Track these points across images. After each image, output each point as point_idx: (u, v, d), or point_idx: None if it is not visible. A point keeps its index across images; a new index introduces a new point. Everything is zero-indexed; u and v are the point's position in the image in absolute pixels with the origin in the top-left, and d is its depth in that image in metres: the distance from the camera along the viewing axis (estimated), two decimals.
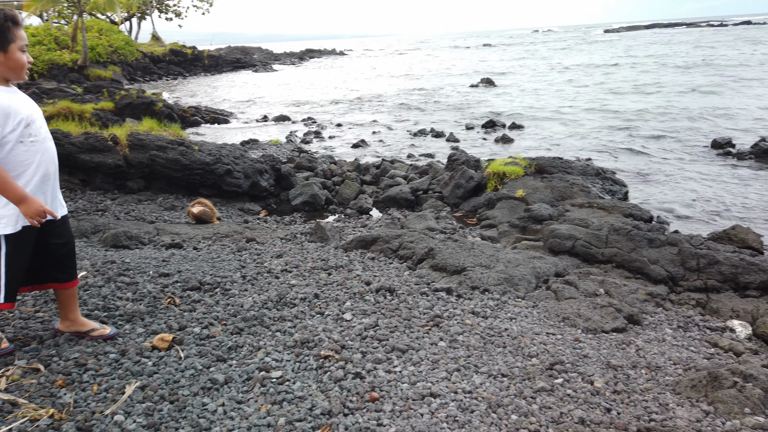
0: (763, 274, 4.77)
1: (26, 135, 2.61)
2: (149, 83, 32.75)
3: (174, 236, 5.80)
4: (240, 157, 8.57)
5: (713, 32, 69.76)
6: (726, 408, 2.83)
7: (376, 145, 13.99)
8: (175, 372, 2.84)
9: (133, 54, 35.47)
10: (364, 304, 3.87)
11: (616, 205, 6.60)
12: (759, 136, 11.93)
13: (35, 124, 2.68)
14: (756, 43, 43.81)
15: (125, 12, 43.02)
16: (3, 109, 2.50)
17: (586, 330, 3.82)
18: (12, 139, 2.56)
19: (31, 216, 2.57)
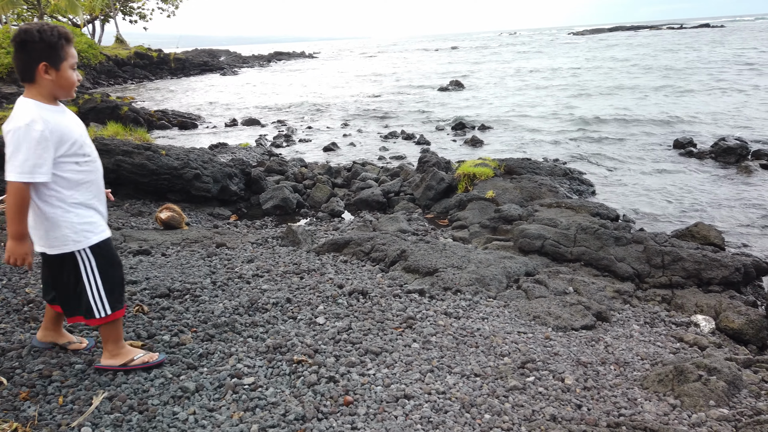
0: (725, 270, 4.92)
1: (80, 155, 2.59)
2: (114, 87, 32.08)
3: (141, 243, 5.69)
4: (209, 161, 8.45)
5: (673, 34, 71.73)
6: (692, 401, 2.91)
7: (347, 148, 13.97)
8: (144, 381, 2.78)
9: (96, 57, 34.67)
10: (337, 308, 3.86)
11: (583, 205, 6.72)
12: (718, 135, 12.32)
13: (87, 144, 2.66)
14: (717, 44, 45.22)
15: (88, 14, 42.13)
16: (57, 132, 2.46)
17: (557, 328, 3.88)
18: (67, 161, 2.52)
19: (15, 257, 2.49)
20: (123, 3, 48.36)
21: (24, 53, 2.49)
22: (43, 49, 2.48)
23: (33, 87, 2.52)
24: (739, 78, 23.18)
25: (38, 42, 2.46)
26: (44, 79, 2.50)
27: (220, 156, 10.85)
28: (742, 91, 19.45)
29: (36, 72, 2.49)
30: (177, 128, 17.52)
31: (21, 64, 2.52)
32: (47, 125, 2.42)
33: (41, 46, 2.47)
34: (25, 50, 2.48)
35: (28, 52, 2.48)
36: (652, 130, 14.06)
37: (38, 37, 2.46)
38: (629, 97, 20.04)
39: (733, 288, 4.94)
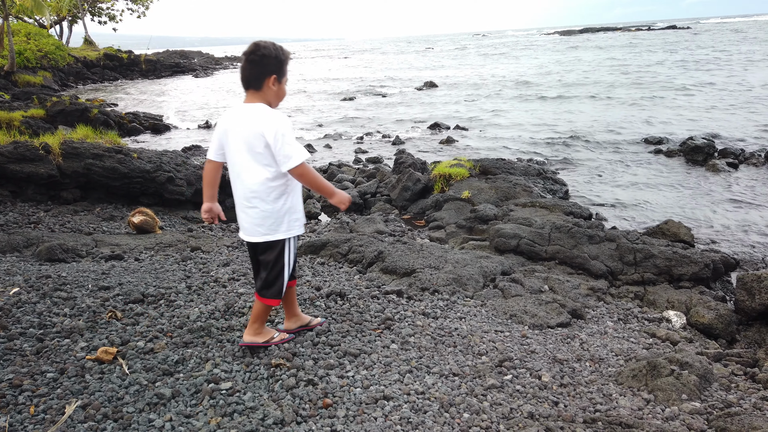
0: (695, 266, 5.04)
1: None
2: (83, 89, 31.44)
3: (114, 247, 5.58)
4: (182, 164, 8.34)
5: (643, 36, 73.20)
6: (665, 395, 2.97)
7: (323, 149, 13.93)
8: (118, 388, 2.72)
9: (64, 59, 33.92)
10: (314, 310, 3.84)
11: (557, 204, 6.81)
12: (688, 135, 12.62)
13: None
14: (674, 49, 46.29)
15: (54, 15, 41.19)
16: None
17: (533, 326, 3.92)
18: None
19: (345, 203, 3.04)
20: (91, 4, 47.39)
21: (259, 65, 2.83)
22: (275, 64, 2.86)
23: (257, 94, 2.89)
24: (695, 77, 23.78)
25: (273, 58, 2.84)
26: (270, 89, 2.88)
27: (194, 159, 10.72)
28: (701, 90, 19.95)
29: (264, 82, 2.86)
30: (149, 131, 17.25)
31: (253, 73, 2.86)
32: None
33: (275, 62, 2.85)
34: (261, 63, 2.83)
35: (264, 65, 2.83)
36: (622, 130, 14.32)
37: (274, 53, 2.84)
38: (597, 98, 20.38)
39: (703, 284, 5.06)
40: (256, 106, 2.85)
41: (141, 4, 50.22)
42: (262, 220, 2.95)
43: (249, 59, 2.85)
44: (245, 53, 2.87)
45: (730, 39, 52.10)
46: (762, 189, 8.88)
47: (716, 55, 34.67)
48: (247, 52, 2.86)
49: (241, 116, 2.86)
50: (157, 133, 17.11)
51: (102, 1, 48.34)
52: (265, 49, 2.83)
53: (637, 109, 17.22)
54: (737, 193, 8.71)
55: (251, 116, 2.82)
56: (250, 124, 2.81)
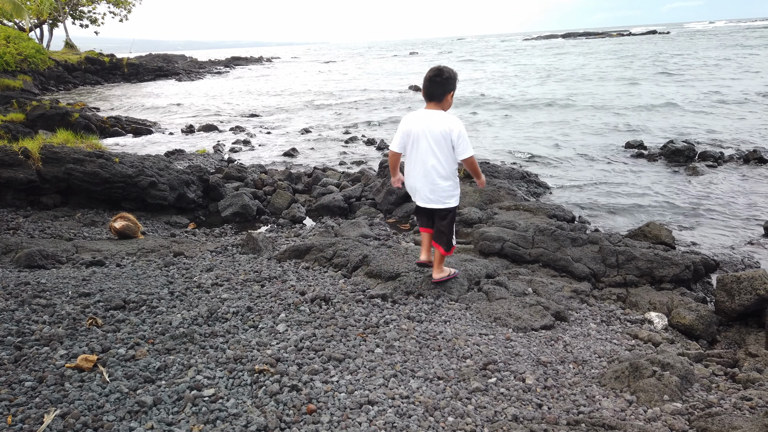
0: (676, 268, 5.10)
1: None
2: (64, 93, 31.06)
3: (95, 253, 5.51)
4: (165, 169, 8.27)
5: (621, 41, 74.16)
6: (647, 396, 3.00)
7: (308, 153, 13.89)
8: (98, 396, 2.68)
9: (45, 62, 33.47)
10: (299, 315, 3.82)
11: (540, 207, 6.86)
12: (667, 138, 12.80)
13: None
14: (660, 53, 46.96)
15: (35, 18, 40.68)
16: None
17: (517, 329, 3.94)
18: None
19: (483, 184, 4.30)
20: (72, 7, 46.87)
21: (443, 85, 3.94)
22: (454, 83, 3.99)
23: (439, 104, 4.00)
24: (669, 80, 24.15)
25: (453, 79, 3.97)
26: (448, 101, 4.01)
27: (177, 163, 10.62)
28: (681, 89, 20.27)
29: (446, 96, 3.98)
30: (131, 135, 17.07)
31: (439, 90, 3.95)
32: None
33: (454, 82, 3.99)
34: (444, 83, 3.93)
35: (446, 84, 3.94)
36: (604, 134, 14.48)
37: (454, 76, 3.97)
38: (579, 102, 20.60)
39: (684, 285, 5.12)
40: (439, 112, 3.98)
41: (123, 8, 49.78)
42: (445, 193, 4.09)
43: (434, 81, 3.93)
44: (430, 76, 3.94)
45: (706, 44, 53.00)
46: (740, 191, 9.03)
47: (696, 61, 35.24)
48: (432, 75, 3.93)
49: (430, 120, 3.96)
50: (139, 137, 16.94)
51: (83, 5, 47.85)
52: (447, 73, 3.93)
53: (616, 115, 17.42)
54: (716, 196, 8.84)
55: (439, 120, 3.94)
56: (439, 125, 3.92)
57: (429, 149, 3.98)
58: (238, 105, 25.30)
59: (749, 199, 8.59)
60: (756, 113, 15.93)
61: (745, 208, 8.21)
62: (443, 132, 3.92)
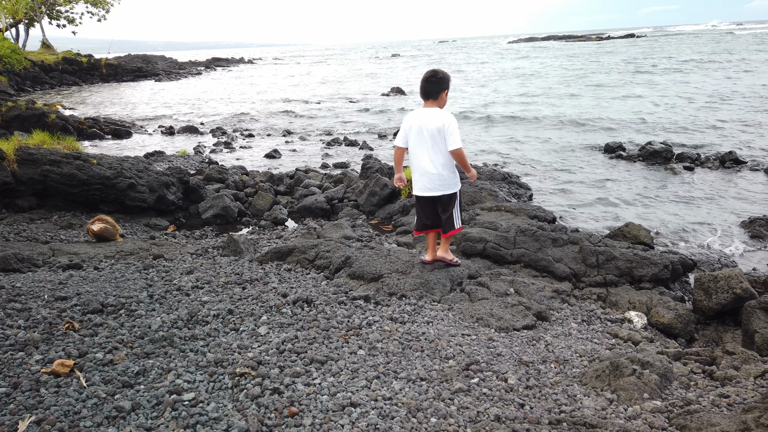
0: (655, 268, 5.16)
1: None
2: (41, 93, 30.53)
3: (72, 256, 5.42)
4: (144, 170, 8.16)
5: (600, 45, 75.14)
6: (627, 395, 3.03)
7: (290, 155, 13.83)
8: (75, 402, 2.63)
9: (21, 63, 32.91)
10: (281, 317, 3.79)
11: (522, 208, 6.91)
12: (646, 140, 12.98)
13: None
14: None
15: (10, 18, 39.96)
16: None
17: (499, 329, 3.96)
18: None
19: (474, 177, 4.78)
20: (49, 7, 46.10)
21: (438, 84, 4.43)
22: (447, 82, 4.49)
23: (435, 102, 4.47)
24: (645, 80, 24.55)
25: (446, 79, 4.48)
26: (442, 98, 4.49)
27: (157, 165, 10.50)
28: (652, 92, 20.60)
29: (441, 94, 4.47)
30: (110, 136, 16.83)
31: (435, 88, 4.44)
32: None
33: (447, 82, 4.49)
34: (442, 82, 4.44)
35: (440, 83, 4.44)
36: (585, 135, 14.64)
37: (447, 77, 4.48)
38: (560, 105, 20.81)
39: (663, 284, 5.19)
40: (435, 109, 4.45)
41: (101, 8, 49.10)
42: (444, 181, 4.52)
43: (430, 81, 4.43)
44: (427, 77, 4.44)
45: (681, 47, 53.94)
46: (717, 192, 9.19)
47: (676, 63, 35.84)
48: (429, 76, 4.44)
49: (427, 116, 4.42)
50: (118, 139, 16.71)
51: (60, 4, 47.11)
52: (441, 74, 4.45)
53: (597, 118, 17.63)
54: (694, 196, 8.99)
55: (434, 116, 4.40)
56: (435, 121, 4.38)
57: (427, 143, 4.45)
58: (220, 106, 25.11)
59: (725, 200, 8.74)
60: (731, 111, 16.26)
61: (721, 207, 8.36)
62: (438, 127, 4.37)
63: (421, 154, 4.51)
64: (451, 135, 4.36)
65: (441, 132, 4.38)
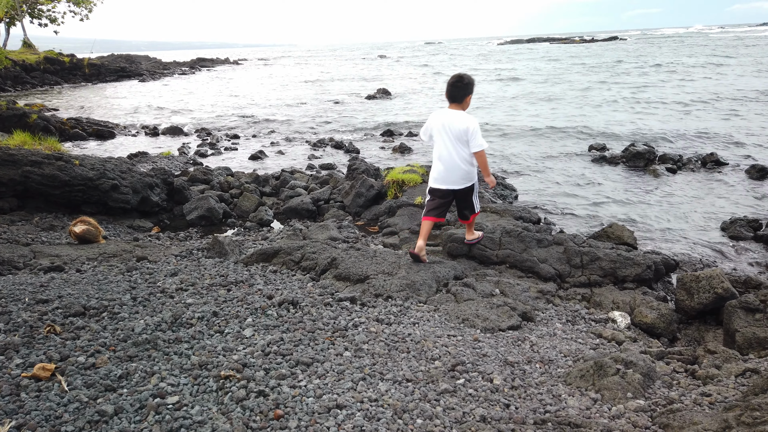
0: (638, 268, 5.22)
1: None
2: (22, 93, 30.08)
3: (54, 258, 5.34)
4: (127, 171, 8.07)
5: (585, 47, 75.86)
6: (611, 394, 3.05)
7: (275, 156, 13.77)
8: (56, 407, 2.59)
9: (1, 62, 32.40)
10: (266, 320, 3.77)
11: (507, 209, 6.94)
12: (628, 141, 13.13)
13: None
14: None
15: None
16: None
17: (485, 329, 3.97)
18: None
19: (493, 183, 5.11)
20: (30, 6, 45.45)
21: (463, 89, 4.76)
22: (472, 87, 4.80)
23: (459, 105, 4.82)
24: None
25: (473, 84, 4.80)
26: (467, 102, 4.83)
27: (140, 165, 10.40)
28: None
29: (465, 98, 4.81)
30: (93, 137, 16.63)
31: (461, 93, 4.77)
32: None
33: (472, 87, 4.80)
34: (465, 87, 4.75)
35: (466, 88, 4.76)
36: (567, 137, 14.76)
37: (472, 82, 4.80)
38: (546, 107, 20.97)
39: (646, 284, 5.24)
40: (459, 112, 4.80)
41: (84, 7, 48.50)
42: (464, 176, 4.94)
43: (456, 85, 4.75)
44: (453, 82, 4.77)
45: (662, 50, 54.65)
46: (698, 193, 9.31)
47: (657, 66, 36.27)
48: (455, 81, 4.76)
49: (452, 118, 4.78)
50: (101, 140, 16.52)
51: (42, 3, 46.47)
52: (467, 79, 4.76)
53: (580, 117, 17.79)
54: (676, 197, 9.10)
55: (459, 119, 4.75)
56: (459, 123, 4.74)
57: (450, 142, 4.83)
58: (205, 107, 24.93)
59: (706, 200, 8.86)
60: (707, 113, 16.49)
61: (703, 208, 8.47)
62: (461, 129, 4.74)
63: (443, 152, 4.89)
64: (475, 137, 4.73)
65: (465, 134, 4.74)
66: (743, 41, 64.14)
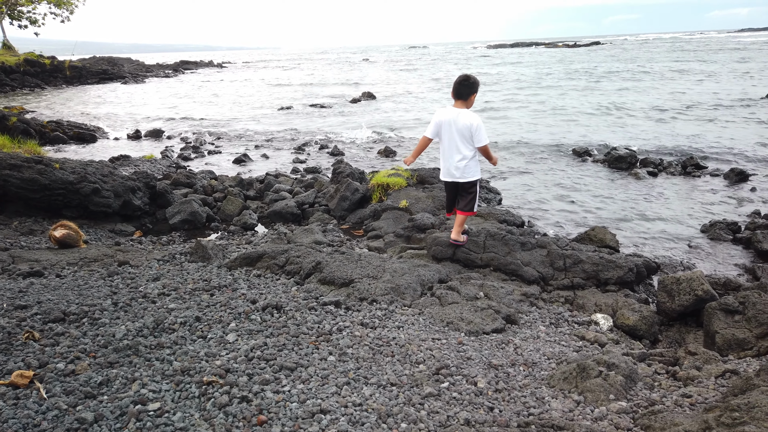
0: (620, 270, 5.27)
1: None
2: (1, 96, 29.61)
3: (33, 263, 5.25)
4: (109, 175, 7.98)
5: (572, 51, 76.68)
6: (594, 396, 3.08)
7: (259, 159, 13.70)
8: (35, 414, 2.55)
9: None
10: (250, 324, 3.74)
11: (491, 212, 6.98)
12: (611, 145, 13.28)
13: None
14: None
15: None
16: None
17: (469, 333, 3.98)
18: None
19: (496, 163, 5.53)
20: (10, 7, 44.81)
21: (472, 87, 5.12)
22: (477, 87, 5.17)
23: (464, 103, 5.15)
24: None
25: (478, 84, 5.18)
26: (471, 100, 5.17)
27: (122, 169, 10.29)
28: None
29: (470, 97, 5.15)
30: (74, 140, 16.41)
31: (467, 91, 5.11)
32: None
33: (477, 86, 5.16)
34: (473, 86, 5.12)
35: (471, 87, 5.11)
36: (550, 140, 14.88)
37: (477, 82, 5.17)
38: (525, 109, 21.14)
39: (628, 287, 5.30)
40: (464, 110, 5.13)
41: (65, 9, 47.92)
42: (467, 170, 5.24)
43: (464, 83, 5.10)
44: (460, 81, 5.11)
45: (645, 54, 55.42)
46: (679, 196, 9.44)
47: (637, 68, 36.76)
48: (462, 80, 5.11)
49: (457, 115, 5.10)
50: (82, 143, 16.30)
51: (22, 5, 45.84)
52: (472, 79, 5.13)
53: (563, 122, 17.96)
54: (657, 200, 9.21)
55: (464, 116, 5.08)
56: (464, 120, 5.07)
57: (455, 138, 5.16)
58: (189, 109, 24.74)
59: (687, 204, 8.99)
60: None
61: (683, 211, 8.59)
62: (466, 125, 5.08)
63: (450, 147, 5.23)
64: (479, 133, 5.09)
65: (470, 130, 5.08)
66: (722, 46, 65.29)
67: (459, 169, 5.25)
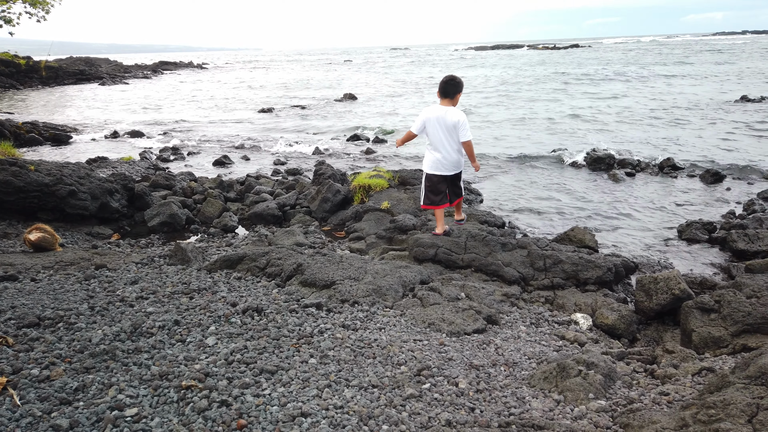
0: (599, 270, 5.33)
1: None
2: None
3: (7, 267, 5.14)
4: (86, 177, 7.85)
5: (550, 53, 77.46)
6: (573, 395, 3.10)
7: (240, 161, 13.60)
8: (8, 422, 2.49)
9: None
10: (230, 327, 3.70)
11: (472, 213, 7.01)
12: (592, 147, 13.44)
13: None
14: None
15: None
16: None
17: (450, 333, 3.99)
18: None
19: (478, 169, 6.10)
20: None
21: (458, 86, 5.49)
22: (461, 86, 5.54)
23: (450, 101, 5.52)
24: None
25: (461, 84, 5.53)
26: (456, 99, 5.54)
27: (100, 171, 10.13)
28: None
29: (456, 95, 5.52)
30: (50, 142, 16.12)
31: (453, 90, 5.49)
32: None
33: (461, 86, 5.53)
34: (458, 86, 5.49)
35: (457, 86, 5.49)
36: (530, 143, 15.02)
37: (461, 82, 5.53)
38: (509, 113, 21.31)
39: (607, 287, 5.36)
40: (450, 108, 5.50)
41: (41, 8, 47.05)
42: (455, 164, 5.74)
43: (450, 83, 5.48)
44: (447, 80, 5.51)
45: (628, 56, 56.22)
46: (656, 196, 9.58)
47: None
48: (448, 80, 5.50)
49: (444, 112, 5.47)
50: (58, 144, 16.02)
51: None
52: (458, 79, 5.52)
53: (544, 124, 18.14)
54: (635, 201, 9.34)
55: (451, 113, 5.47)
56: (450, 117, 5.45)
57: (443, 134, 5.54)
58: (168, 111, 24.47)
59: (664, 204, 9.13)
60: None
61: (661, 212, 8.72)
62: (453, 122, 5.45)
63: (438, 142, 5.59)
64: (463, 129, 5.46)
65: (456, 126, 5.45)
66: (694, 48, 66.51)
67: (447, 163, 5.67)
